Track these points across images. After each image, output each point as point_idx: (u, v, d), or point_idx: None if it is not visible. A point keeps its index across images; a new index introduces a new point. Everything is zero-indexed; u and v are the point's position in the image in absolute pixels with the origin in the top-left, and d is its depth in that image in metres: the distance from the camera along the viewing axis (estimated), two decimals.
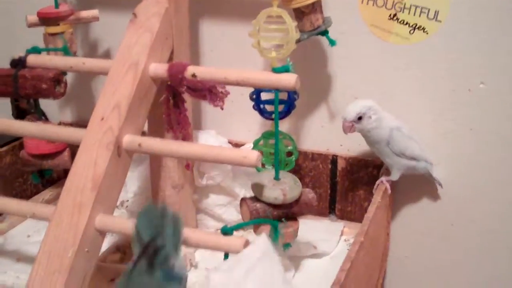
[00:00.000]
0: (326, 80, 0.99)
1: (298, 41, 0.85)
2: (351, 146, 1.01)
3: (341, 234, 1.00)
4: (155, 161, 0.95)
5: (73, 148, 1.05)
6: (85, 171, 0.77)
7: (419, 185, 0.99)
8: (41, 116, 0.98)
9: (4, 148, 1.06)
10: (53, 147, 0.97)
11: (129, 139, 0.79)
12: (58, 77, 0.88)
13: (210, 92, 0.79)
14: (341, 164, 1.01)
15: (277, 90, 0.78)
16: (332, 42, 0.88)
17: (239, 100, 0.95)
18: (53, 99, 0.89)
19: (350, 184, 1.01)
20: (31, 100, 0.99)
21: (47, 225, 1.03)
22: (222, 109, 0.79)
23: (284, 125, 1.01)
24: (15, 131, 0.85)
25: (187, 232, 0.73)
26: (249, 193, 0.97)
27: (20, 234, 1.03)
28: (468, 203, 0.97)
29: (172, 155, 0.81)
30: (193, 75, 0.80)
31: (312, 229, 0.96)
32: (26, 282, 0.72)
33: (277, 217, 0.81)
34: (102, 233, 0.76)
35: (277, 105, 0.79)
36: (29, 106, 0.99)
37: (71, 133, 0.82)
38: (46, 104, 1.01)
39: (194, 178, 0.97)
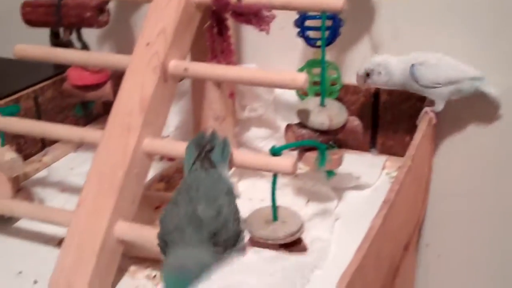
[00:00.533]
0: (371, 12, 0.97)
1: None
2: None
3: (383, 168, 1.00)
4: (198, 92, 0.95)
5: (115, 80, 1.07)
6: (132, 95, 0.77)
7: (468, 111, 0.97)
8: (84, 48, 0.99)
9: (46, 83, 1.06)
10: (96, 78, 0.98)
11: (175, 64, 0.79)
12: (101, 6, 0.89)
13: (256, 16, 0.79)
14: (383, 97, 1.00)
15: (323, 13, 0.77)
16: None
17: (278, 34, 0.94)
18: (96, 28, 0.90)
19: (392, 118, 1.00)
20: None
21: (90, 158, 1.06)
22: (267, 33, 0.79)
23: (327, 56, 0.99)
24: (63, 59, 0.86)
25: (238, 154, 0.73)
26: None
27: (63, 166, 1.04)
28: None
29: (218, 79, 0.81)
30: (238, 0, 0.80)
31: (354, 161, 0.95)
32: (77, 202, 0.74)
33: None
34: (149, 156, 0.77)
35: (324, 29, 0.78)
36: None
37: (117, 59, 0.83)
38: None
39: (236, 110, 0.96)
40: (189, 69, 0.78)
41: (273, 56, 1.05)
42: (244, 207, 0.88)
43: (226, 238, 0.63)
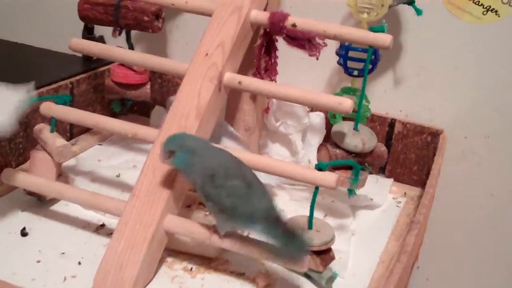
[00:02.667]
0: (396, 48, 1.06)
1: (389, 6, 0.92)
2: (410, 112, 1.08)
3: (390, 190, 1.08)
4: (232, 104, 1.01)
5: (153, 83, 1.13)
6: (190, 100, 0.83)
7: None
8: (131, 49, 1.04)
9: (83, 76, 1.11)
10: (139, 79, 1.03)
11: (230, 76, 0.86)
12: (159, 12, 0.94)
13: (309, 42, 0.86)
14: (398, 128, 1.08)
15: (370, 48, 0.85)
16: (419, 12, 0.96)
17: (309, 58, 1.02)
18: (151, 32, 0.95)
19: (403, 148, 1.09)
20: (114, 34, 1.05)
21: (116, 152, 1.11)
22: (317, 59, 0.86)
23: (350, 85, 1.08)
24: (119, 57, 0.91)
25: (284, 164, 0.81)
26: (307, 157, 1.06)
27: (91, 157, 1.09)
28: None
29: (268, 95, 0.87)
30: (293, 25, 0.87)
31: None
32: (132, 191, 0.79)
33: None
34: None
35: (369, 62, 0.86)
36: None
37: (174, 65, 0.89)
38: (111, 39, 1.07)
39: (268, 121, 1.03)
40: (242, 82, 0.85)
41: (298, 78, 1.13)
42: None
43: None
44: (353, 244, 0.91)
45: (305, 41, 0.86)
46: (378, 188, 1.06)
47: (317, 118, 1.07)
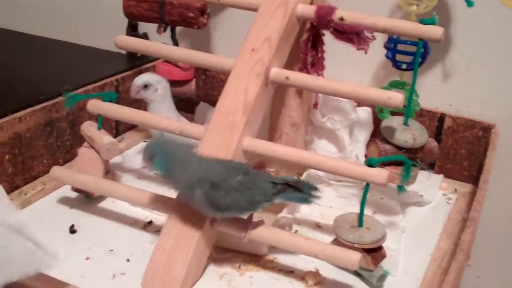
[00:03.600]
0: (446, 41, 1.03)
1: None
2: (460, 107, 1.06)
3: (439, 187, 1.05)
4: (278, 99, 1.00)
5: (197, 79, 1.13)
6: (237, 96, 0.82)
7: None
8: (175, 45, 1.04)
9: (128, 73, 1.12)
10: (184, 75, 1.03)
11: (277, 72, 0.84)
12: (204, 8, 0.94)
13: (358, 35, 0.84)
14: (447, 123, 1.06)
15: (421, 40, 0.83)
16: (470, 3, 0.93)
17: (353, 52, 1.00)
18: (196, 28, 0.95)
19: (453, 143, 1.06)
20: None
21: None
22: (366, 53, 0.84)
23: (398, 78, 1.05)
24: (165, 53, 0.91)
25: (333, 160, 0.79)
26: (354, 153, 1.04)
27: (137, 154, 1.09)
28: None
29: (316, 90, 0.86)
30: (341, 18, 0.85)
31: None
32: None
33: None
34: (246, 154, 0.82)
35: (419, 55, 0.84)
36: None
37: (220, 61, 0.88)
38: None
39: (315, 116, 1.02)
40: (289, 77, 0.84)
41: (343, 72, 1.11)
42: (314, 211, 0.95)
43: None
44: (403, 242, 0.90)
45: (353, 34, 0.84)
46: (428, 185, 1.04)
47: (364, 113, 1.05)
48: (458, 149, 1.06)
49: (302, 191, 0.75)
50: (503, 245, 1.11)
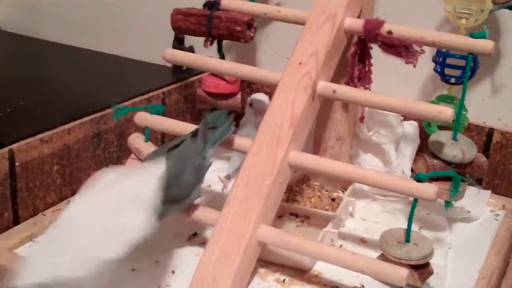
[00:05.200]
0: (495, 54, 1.01)
1: (489, 11, 0.88)
2: (509, 121, 1.04)
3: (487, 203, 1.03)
4: (323, 113, 0.99)
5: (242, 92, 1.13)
6: (283, 110, 0.82)
7: None
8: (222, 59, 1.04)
9: (174, 86, 1.13)
10: (230, 88, 1.04)
11: (324, 85, 0.84)
12: (251, 21, 0.94)
13: (406, 49, 0.84)
14: (496, 138, 1.04)
15: (471, 54, 0.82)
16: None
17: (401, 66, 0.99)
18: (243, 42, 0.95)
19: (502, 158, 1.04)
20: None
21: None
22: (414, 66, 0.84)
23: (445, 92, 1.04)
24: (211, 66, 0.92)
25: (381, 177, 0.78)
26: (401, 167, 1.03)
27: None
28: None
29: (365, 104, 0.86)
30: (389, 32, 0.85)
31: None
32: (226, 200, 0.79)
33: None
34: (292, 168, 0.82)
35: (469, 69, 0.83)
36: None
37: (266, 74, 0.88)
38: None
39: (361, 130, 1.01)
40: (337, 91, 0.84)
41: (390, 85, 1.10)
42: (360, 226, 0.94)
43: (174, 195, 0.75)
44: (450, 258, 0.88)
45: (402, 48, 0.84)
46: (475, 200, 1.02)
47: (411, 127, 1.04)
48: (506, 165, 1.05)
49: (218, 125, 0.81)
50: None
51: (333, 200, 0.97)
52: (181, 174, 0.76)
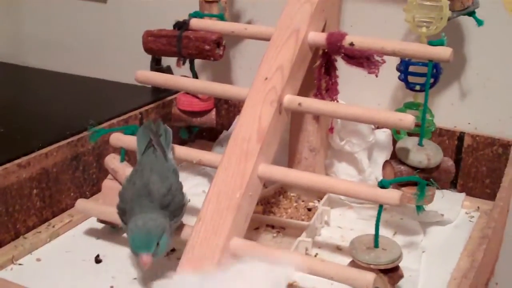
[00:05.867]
0: (461, 60, 1.04)
1: (448, 19, 0.91)
2: (479, 124, 1.06)
3: (462, 205, 1.05)
4: (296, 125, 1.02)
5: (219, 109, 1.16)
6: (251, 124, 0.85)
7: None
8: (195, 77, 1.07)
9: (151, 106, 1.15)
10: (204, 106, 1.06)
11: (290, 99, 0.87)
12: (219, 40, 0.97)
13: (368, 60, 0.86)
14: (467, 141, 1.06)
15: (430, 61, 0.85)
16: (480, 22, 0.94)
17: (373, 76, 1.01)
18: (213, 60, 0.98)
19: (474, 161, 1.06)
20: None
21: (184, 178, 1.13)
22: (376, 76, 0.86)
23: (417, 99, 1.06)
24: (182, 85, 0.94)
25: (346, 183, 0.80)
26: (374, 175, 1.05)
27: None
28: None
29: (329, 115, 0.88)
30: (351, 44, 0.87)
31: (435, 197, 1.01)
32: (198, 216, 0.81)
33: None
34: (262, 181, 0.84)
35: (430, 76, 0.85)
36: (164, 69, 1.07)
37: (234, 90, 0.90)
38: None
39: (333, 140, 1.03)
40: (302, 104, 0.86)
41: (363, 93, 1.13)
42: (335, 234, 0.96)
43: (174, 209, 0.80)
44: (424, 262, 0.90)
45: (363, 59, 0.86)
46: (450, 204, 1.04)
47: (383, 135, 1.06)
48: (479, 167, 1.07)
49: (161, 132, 0.86)
50: None
51: (309, 210, 0.99)
52: (171, 186, 0.81)
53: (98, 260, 0.88)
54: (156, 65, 1.23)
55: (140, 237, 0.76)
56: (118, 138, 0.93)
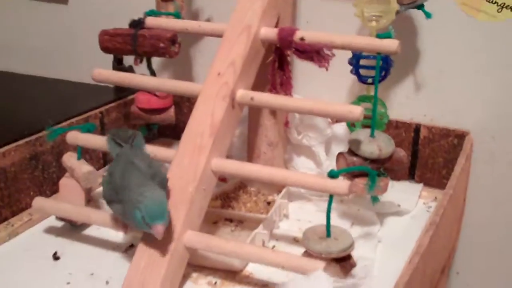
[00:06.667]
0: (414, 53, 1.06)
1: (396, 12, 0.93)
2: (435, 116, 1.08)
3: (419, 197, 1.07)
4: (254, 120, 1.03)
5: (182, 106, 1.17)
6: (204, 119, 0.86)
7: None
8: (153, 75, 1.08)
9: (112, 105, 1.16)
10: (162, 103, 1.07)
11: (242, 93, 0.88)
12: (174, 38, 0.98)
13: (318, 54, 0.88)
14: (423, 133, 1.08)
15: (378, 54, 0.86)
16: (428, 15, 0.96)
17: (329, 71, 1.03)
18: (168, 58, 0.99)
19: (430, 152, 1.08)
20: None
21: None
22: (327, 70, 0.88)
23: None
24: (137, 83, 0.95)
25: (297, 175, 0.82)
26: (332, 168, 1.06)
27: None
28: None
29: (280, 108, 0.89)
30: (302, 39, 0.89)
31: (393, 188, 1.02)
32: None
33: None
34: (216, 174, 0.85)
35: (378, 68, 0.87)
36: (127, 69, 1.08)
37: (188, 87, 0.92)
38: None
39: (291, 134, 1.05)
40: (254, 98, 0.87)
41: (321, 88, 1.14)
42: (294, 227, 0.97)
43: (160, 180, 0.78)
44: (379, 251, 0.91)
45: (313, 53, 0.87)
46: (407, 194, 1.06)
47: (341, 129, 1.08)
48: (435, 158, 1.08)
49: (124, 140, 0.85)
50: (489, 251, 1.12)
51: (268, 203, 1.00)
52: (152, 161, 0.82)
53: (56, 257, 0.89)
54: (118, 65, 1.24)
55: (154, 207, 0.74)
56: (75, 137, 0.94)
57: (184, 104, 1.23)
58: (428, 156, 1.09)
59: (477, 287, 1.15)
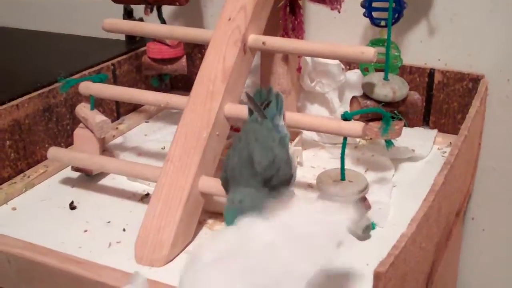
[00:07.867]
0: None
1: None
2: (449, 60, 1.06)
3: (434, 143, 1.06)
4: (266, 67, 1.02)
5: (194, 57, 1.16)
6: (216, 65, 0.85)
7: None
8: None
9: (124, 57, 1.15)
10: (173, 52, 1.06)
11: (254, 38, 0.87)
12: None
13: None
14: (438, 78, 1.06)
15: None
16: None
17: (341, 16, 1.01)
18: (178, 5, 0.98)
19: (445, 97, 1.07)
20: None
21: (162, 126, 1.14)
22: (339, 12, 0.87)
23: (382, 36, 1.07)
24: (148, 31, 0.95)
25: (311, 118, 0.81)
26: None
27: (137, 134, 1.13)
28: None
29: (292, 52, 0.88)
30: None
31: (408, 134, 1.02)
32: (166, 156, 0.82)
33: None
34: (229, 120, 0.85)
35: (391, 9, 0.86)
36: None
37: (199, 33, 0.91)
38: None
39: (304, 82, 1.04)
40: (266, 42, 0.86)
41: (335, 34, 1.13)
42: (308, 173, 0.97)
43: (277, 183, 0.71)
44: (395, 196, 0.91)
45: None
46: (422, 140, 1.05)
47: (355, 75, 1.07)
48: (450, 103, 1.07)
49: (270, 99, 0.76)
50: (504, 196, 1.11)
51: None
52: (275, 157, 0.72)
53: (72, 206, 0.90)
54: (128, 18, 1.23)
55: (233, 214, 0.69)
56: (87, 87, 0.94)
57: (196, 56, 1.22)
58: (442, 101, 1.08)
59: (492, 231, 1.14)
